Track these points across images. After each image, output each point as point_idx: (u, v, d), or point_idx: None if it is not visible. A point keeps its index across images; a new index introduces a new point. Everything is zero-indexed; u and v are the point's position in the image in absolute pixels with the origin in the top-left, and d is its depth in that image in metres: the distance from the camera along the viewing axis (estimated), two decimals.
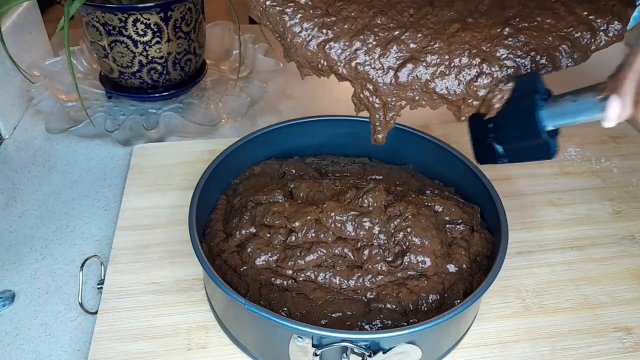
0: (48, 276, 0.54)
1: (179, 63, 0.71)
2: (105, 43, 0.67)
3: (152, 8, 0.64)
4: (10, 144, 0.71)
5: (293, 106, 0.79)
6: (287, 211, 0.48)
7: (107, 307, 0.49)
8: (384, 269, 0.46)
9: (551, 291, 0.52)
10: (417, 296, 0.45)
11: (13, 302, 0.51)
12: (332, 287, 0.46)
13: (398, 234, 0.47)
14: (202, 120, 0.72)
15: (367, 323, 0.44)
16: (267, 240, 0.48)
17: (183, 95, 0.77)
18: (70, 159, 0.68)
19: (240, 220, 0.50)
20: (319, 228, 0.47)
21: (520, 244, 0.56)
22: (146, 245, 0.55)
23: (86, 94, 0.76)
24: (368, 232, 0.47)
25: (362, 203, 0.48)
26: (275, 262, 0.47)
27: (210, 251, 0.49)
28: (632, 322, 0.49)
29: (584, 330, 0.48)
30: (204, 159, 0.65)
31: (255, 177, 0.56)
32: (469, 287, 0.47)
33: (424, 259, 0.46)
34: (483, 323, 0.49)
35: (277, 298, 0.45)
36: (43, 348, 0.48)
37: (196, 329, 0.48)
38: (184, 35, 0.69)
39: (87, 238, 0.58)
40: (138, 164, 0.65)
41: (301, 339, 0.39)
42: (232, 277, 0.46)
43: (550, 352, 0.47)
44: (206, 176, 0.51)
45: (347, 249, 0.47)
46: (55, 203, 0.62)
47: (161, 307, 0.49)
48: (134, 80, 0.70)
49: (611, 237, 0.57)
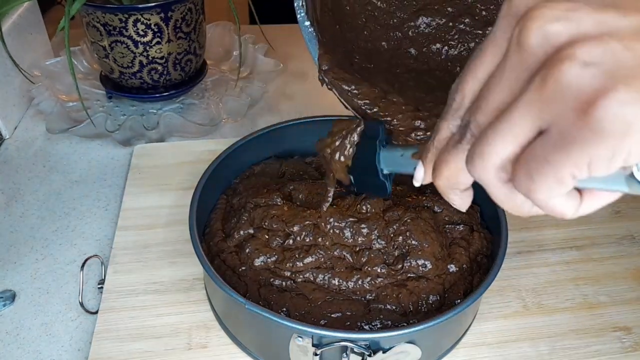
0: (48, 276, 0.54)
1: (180, 63, 0.71)
2: (106, 43, 0.67)
3: (153, 8, 0.64)
4: (11, 144, 0.71)
5: (293, 106, 0.79)
6: (286, 215, 0.48)
7: (107, 307, 0.49)
8: (383, 271, 0.46)
9: (551, 291, 0.52)
10: (417, 297, 0.45)
11: (13, 302, 0.52)
12: (331, 288, 0.46)
13: (397, 238, 0.47)
14: (202, 120, 0.72)
15: (366, 323, 0.44)
16: (266, 241, 0.48)
17: (183, 95, 0.77)
18: (71, 159, 0.69)
19: (239, 221, 0.50)
20: (317, 232, 0.47)
21: (520, 244, 0.56)
22: (146, 245, 0.55)
23: (87, 94, 0.76)
24: (366, 238, 0.47)
25: (360, 209, 0.48)
26: (273, 263, 0.47)
27: (210, 251, 0.49)
28: (632, 322, 0.49)
29: (583, 330, 0.49)
30: (204, 159, 0.65)
31: (255, 176, 0.56)
32: (469, 287, 0.47)
33: (425, 262, 0.46)
34: (483, 323, 0.49)
35: (276, 298, 0.45)
36: (43, 348, 0.48)
37: (196, 329, 0.48)
38: (185, 35, 0.69)
39: (88, 238, 0.58)
40: (138, 164, 0.65)
41: (301, 339, 0.40)
42: (231, 277, 0.47)
43: (549, 351, 0.47)
44: (206, 176, 0.51)
45: (346, 251, 0.47)
46: (55, 203, 0.62)
47: (161, 307, 0.49)
48: (135, 81, 0.71)
49: (611, 237, 0.57)
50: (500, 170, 0.24)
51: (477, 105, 0.25)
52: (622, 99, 0.19)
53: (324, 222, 0.47)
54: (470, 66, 0.25)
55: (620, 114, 0.20)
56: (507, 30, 0.23)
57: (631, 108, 0.19)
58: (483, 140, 0.24)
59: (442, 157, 0.28)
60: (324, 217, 0.47)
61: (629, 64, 0.20)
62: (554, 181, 0.22)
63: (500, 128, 0.23)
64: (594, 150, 0.20)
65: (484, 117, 0.24)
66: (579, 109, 0.20)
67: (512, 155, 0.23)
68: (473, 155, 0.24)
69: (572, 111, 0.20)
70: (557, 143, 0.21)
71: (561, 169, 0.22)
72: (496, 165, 0.24)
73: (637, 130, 0.20)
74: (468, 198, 0.30)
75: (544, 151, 0.22)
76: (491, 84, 0.24)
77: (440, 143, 0.28)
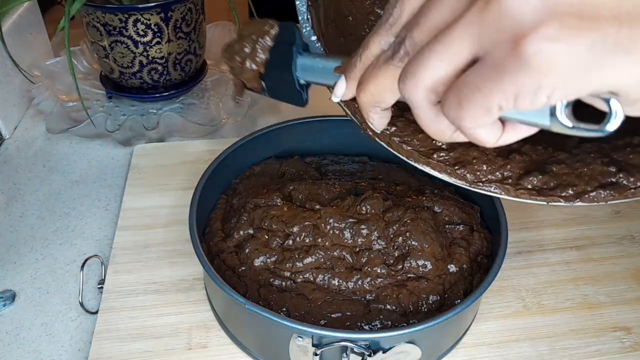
0: (49, 276, 0.54)
1: (180, 63, 0.71)
2: (106, 43, 0.67)
3: (153, 8, 0.64)
4: (11, 144, 0.71)
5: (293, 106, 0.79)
6: (286, 215, 0.48)
7: (107, 307, 0.49)
8: (383, 271, 0.46)
9: (550, 291, 0.52)
10: (417, 297, 0.45)
11: (14, 302, 0.52)
12: (331, 288, 0.46)
13: (397, 239, 0.47)
14: (202, 121, 0.72)
15: (366, 324, 0.44)
16: (265, 241, 0.48)
17: (183, 95, 0.77)
18: (71, 159, 0.69)
19: (238, 221, 0.50)
20: (317, 232, 0.47)
21: (520, 244, 0.56)
22: (146, 245, 0.55)
23: (87, 94, 0.76)
24: (366, 239, 0.47)
25: (360, 210, 0.48)
26: (273, 263, 0.47)
27: (209, 251, 0.49)
28: (632, 322, 0.49)
29: (583, 330, 0.49)
30: (204, 159, 0.65)
31: (255, 176, 0.56)
32: (469, 287, 0.47)
33: (425, 263, 0.46)
34: (483, 323, 0.49)
35: (276, 298, 0.45)
36: (43, 348, 0.48)
37: (196, 329, 0.48)
38: (185, 35, 0.69)
39: (88, 238, 0.58)
40: (138, 164, 0.65)
41: (301, 339, 0.40)
42: (231, 277, 0.47)
43: (549, 351, 0.47)
44: (206, 176, 0.51)
45: (346, 252, 0.47)
46: (55, 203, 0.62)
47: (161, 307, 0.49)
48: (135, 81, 0.71)
49: (610, 237, 0.57)
50: (431, 91, 0.24)
51: (415, 21, 0.24)
52: (549, 35, 0.20)
53: (323, 222, 0.47)
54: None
55: (544, 50, 0.20)
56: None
57: (556, 45, 0.20)
58: (419, 59, 0.23)
59: (370, 72, 0.27)
60: (323, 217, 0.47)
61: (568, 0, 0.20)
62: (482, 110, 0.22)
63: (437, 48, 0.23)
64: (520, 82, 0.21)
65: (421, 34, 0.24)
66: (513, 41, 0.20)
67: (445, 78, 0.23)
68: (406, 73, 0.24)
69: (507, 42, 0.20)
70: (490, 72, 0.21)
71: (490, 98, 0.22)
72: (427, 86, 0.24)
73: (560, 67, 0.20)
74: (386, 119, 0.30)
75: (475, 78, 0.22)
76: (433, 1, 0.24)
77: (368, 59, 0.28)
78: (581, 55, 0.20)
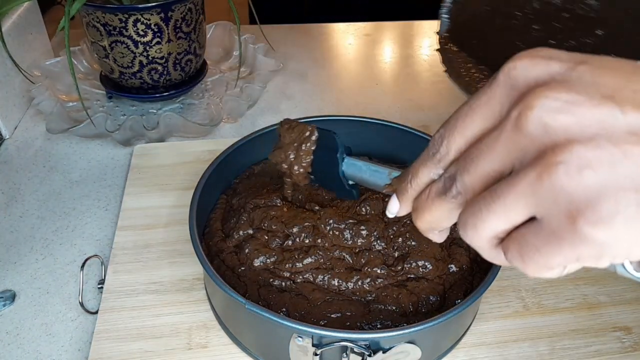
0: (48, 276, 0.54)
1: (180, 63, 0.71)
2: (106, 43, 0.67)
3: (153, 8, 0.64)
4: (11, 144, 0.71)
5: (293, 106, 0.79)
6: (285, 216, 0.48)
7: (107, 307, 0.49)
8: (383, 272, 0.46)
9: (550, 291, 0.52)
10: (417, 297, 0.45)
11: (14, 302, 0.52)
12: (331, 289, 0.46)
13: (397, 240, 0.47)
14: (202, 120, 0.72)
15: (366, 324, 0.44)
16: (265, 242, 0.48)
17: (183, 95, 0.77)
18: (71, 159, 0.69)
19: (238, 221, 0.50)
20: (317, 233, 0.47)
21: None
22: (146, 245, 0.55)
23: (87, 94, 0.76)
24: (366, 240, 0.47)
25: (360, 211, 0.48)
26: (273, 263, 0.47)
27: (209, 251, 0.49)
28: (632, 322, 0.49)
29: (583, 330, 0.49)
30: (204, 159, 0.65)
31: (255, 176, 0.56)
32: (469, 287, 0.47)
33: (425, 263, 0.46)
34: (483, 323, 0.49)
35: (276, 298, 0.45)
36: (43, 348, 0.48)
37: (196, 329, 0.48)
38: (185, 35, 0.69)
39: (88, 238, 0.58)
40: (138, 164, 0.65)
41: (301, 339, 0.40)
42: (231, 278, 0.47)
43: (549, 351, 0.47)
44: (206, 176, 0.51)
45: (346, 252, 0.47)
46: (55, 203, 0.62)
47: (161, 307, 0.49)
48: (135, 81, 0.71)
49: None
50: (493, 238, 0.25)
51: (464, 165, 0.25)
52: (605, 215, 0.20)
53: (323, 223, 0.47)
54: (459, 120, 0.25)
55: (602, 230, 0.20)
56: (503, 100, 0.23)
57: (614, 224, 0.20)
58: (477, 213, 0.24)
59: (425, 204, 0.28)
60: (323, 218, 0.47)
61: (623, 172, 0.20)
62: (544, 268, 0.23)
63: (494, 207, 0.23)
64: (580, 251, 0.21)
65: (472, 180, 0.25)
66: (570, 216, 0.20)
67: (505, 231, 0.24)
68: (466, 225, 0.25)
69: (564, 214, 0.21)
70: (549, 237, 0.22)
71: (551, 260, 0.22)
72: (488, 236, 0.25)
73: (620, 243, 0.20)
74: (446, 234, 0.31)
75: (535, 240, 0.22)
76: (482, 150, 0.24)
77: (419, 186, 0.29)
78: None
